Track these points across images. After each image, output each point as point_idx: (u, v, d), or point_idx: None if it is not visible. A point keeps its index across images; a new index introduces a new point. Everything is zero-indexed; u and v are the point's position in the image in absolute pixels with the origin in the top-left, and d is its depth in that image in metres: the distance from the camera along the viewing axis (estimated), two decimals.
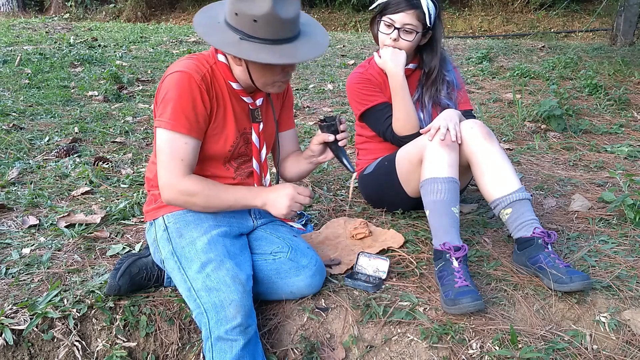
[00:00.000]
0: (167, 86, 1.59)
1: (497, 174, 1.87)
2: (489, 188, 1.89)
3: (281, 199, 1.63)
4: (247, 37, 1.50)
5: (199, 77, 1.59)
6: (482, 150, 1.89)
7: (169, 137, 1.59)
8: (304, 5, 11.56)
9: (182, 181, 1.60)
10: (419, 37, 2.09)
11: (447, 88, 2.19)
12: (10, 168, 2.76)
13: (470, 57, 5.91)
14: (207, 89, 1.61)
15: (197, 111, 1.60)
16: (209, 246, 1.62)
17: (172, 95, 1.57)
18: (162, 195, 1.65)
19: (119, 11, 11.96)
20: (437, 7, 2.09)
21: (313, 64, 5.76)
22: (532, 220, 1.84)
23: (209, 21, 1.58)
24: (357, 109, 2.22)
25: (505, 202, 1.85)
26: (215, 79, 1.65)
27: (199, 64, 1.63)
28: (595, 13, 9.07)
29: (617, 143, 3.26)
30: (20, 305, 1.67)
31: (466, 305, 1.61)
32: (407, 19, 2.04)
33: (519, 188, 1.86)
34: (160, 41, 7.09)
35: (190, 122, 1.59)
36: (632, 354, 1.58)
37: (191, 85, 1.58)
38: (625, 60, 5.29)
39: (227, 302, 1.50)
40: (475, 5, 11.13)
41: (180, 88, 1.57)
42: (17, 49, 6.06)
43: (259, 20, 1.47)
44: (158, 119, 1.60)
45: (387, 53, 2.09)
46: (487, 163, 1.88)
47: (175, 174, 1.60)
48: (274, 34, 1.50)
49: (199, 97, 1.59)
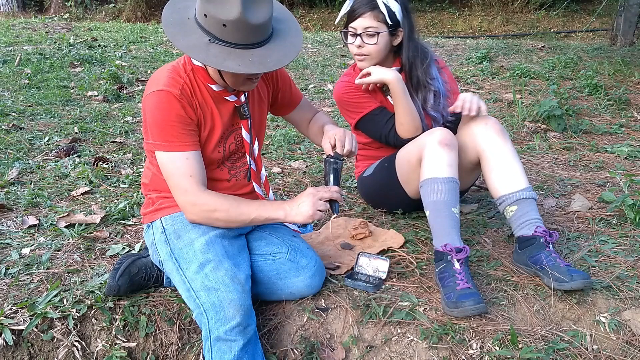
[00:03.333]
0: (149, 108, 1.56)
1: (506, 171, 1.88)
2: (496, 184, 1.89)
3: (303, 202, 1.59)
4: (216, 39, 1.45)
5: (178, 92, 1.55)
6: (495, 147, 1.89)
7: (169, 158, 1.57)
8: (304, 6, 11.57)
9: (200, 197, 1.58)
10: (385, 37, 2.04)
11: (434, 98, 2.14)
12: (10, 168, 2.76)
13: (470, 57, 5.90)
14: (189, 101, 1.57)
15: (185, 126, 1.57)
16: (207, 247, 1.62)
17: (156, 118, 1.55)
18: (186, 216, 1.63)
19: (119, 11, 11.95)
20: (400, 3, 2.04)
21: (313, 64, 5.76)
22: (536, 220, 1.84)
23: (178, 17, 1.51)
24: (351, 118, 2.17)
25: (512, 199, 1.86)
26: (195, 87, 1.61)
27: (175, 76, 1.58)
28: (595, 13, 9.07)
29: (617, 143, 3.26)
30: (20, 305, 1.66)
31: (468, 308, 1.61)
32: (367, 23, 2.01)
33: (527, 187, 1.87)
34: (160, 41, 7.09)
35: (182, 139, 1.56)
36: (632, 354, 1.58)
37: (172, 102, 1.54)
38: (625, 60, 5.29)
39: (226, 301, 1.50)
40: (475, 5, 11.13)
41: (161, 109, 1.54)
42: (17, 49, 6.06)
43: (228, 25, 1.42)
44: (152, 142, 1.58)
45: (374, 69, 2.04)
46: (498, 159, 1.89)
47: (190, 193, 1.58)
48: (244, 39, 1.44)
49: (183, 112, 1.55)
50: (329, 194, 1.59)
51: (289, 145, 3.26)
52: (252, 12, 1.42)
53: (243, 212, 1.60)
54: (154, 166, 1.70)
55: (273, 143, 3.28)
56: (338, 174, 1.67)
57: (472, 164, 1.99)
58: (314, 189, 1.60)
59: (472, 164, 1.99)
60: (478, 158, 1.95)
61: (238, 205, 1.61)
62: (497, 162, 1.89)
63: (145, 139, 1.63)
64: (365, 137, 2.23)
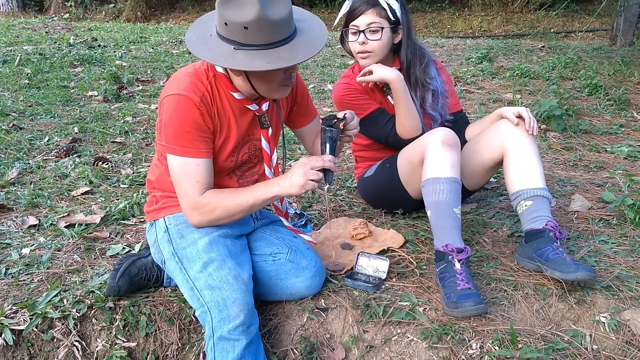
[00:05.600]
0: (167, 110, 1.55)
1: (528, 169, 1.90)
2: (515, 179, 1.91)
3: (295, 173, 1.54)
4: (241, 45, 1.44)
5: (198, 99, 1.54)
6: (521, 145, 1.92)
7: (180, 163, 1.57)
8: (304, 6, 11.58)
9: (198, 200, 1.58)
10: (387, 34, 2.05)
11: (432, 97, 2.15)
12: (10, 168, 2.76)
13: (470, 57, 5.91)
14: (207, 109, 1.57)
15: (201, 133, 1.56)
16: (211, 246, 1.62)
17: (173, 121, 1.54)
18: (191, 222, 1.63)
19: (119, 11, 11.96)
20: (399, 1, 2.05)
21: (313, 64, 5.76)
22: (547, 217, 1.85)
23: (200, 36, 1.52)
24: None
25: (528, 194, 1.87)
26: (215, 95, 1.60)
27: (197, 82, 1.56)
28: (595, 13, 9.07)
29: (617, 143, 3.26)
30: (20, 305, 1.67)
31: (469, 309, 1.61)
32: (369, 19, 2.02)
33: (545, 187, 1.89)
34: (160, 41, 7.09)
35: (197, 145, 1.56)
36: (632, 354, 1.58)
37: (191, 109, 1.53)
38: (625, 60, 5.29)
39: (230, 300, 1.50)
40: (475, 5, 11.14)
41: (180, 113, 1.53)
42: (17, 49, 6.06)
43: (250, 26, 1.41)
44: (166, 144, 1.57)
45: (376, 67, 2.04)
46: (522, 157, 1.91)
47: (193, 197, 1.58)
48: (268, 38, 1.44)
49: (201, 119, 1.55)
50: (320, 163, 1.53)
51: (289, 145, 3.26)
52: (270, 9, 1.42)
53: (240, 202, 1.59)
54: (163, 165, 1.69)
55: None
56: (334, 142, 1.58)
57: (493, 162, 2.01)
58: (307, 159, 1.55)
59: (493, 162, 2.01)
60: (501, 156, 1.97)
61: (234, 197, 1.60)
62: (521, 160, 1.92)
63: (159, 139, 1.63)
64: (365, 139, 2.23)
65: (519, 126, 1.94)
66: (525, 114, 1.94)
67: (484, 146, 2.01)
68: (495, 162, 2.01)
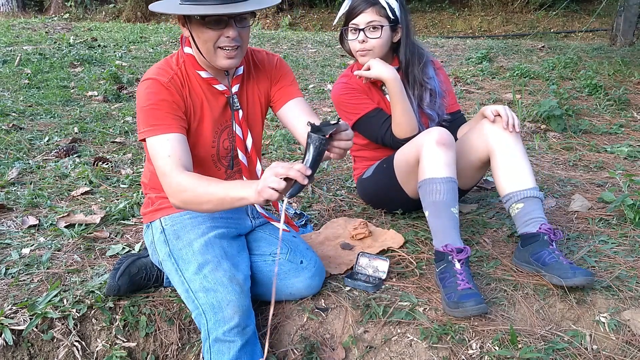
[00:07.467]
0: (138, 96, 1.59)
1: (515, 170, 1.89)
2: (504, 182, 1.91)
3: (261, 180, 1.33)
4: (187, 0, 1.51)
5: (166, 80, 1.57)
6: (506, 146, 1.91)
7: (151, 144, 1.54)
8: (304, 6, 11.56)
9: (175, 178, 1.48)
10: (387, 32, 2.05)
11: (430, 96, 2.15)
12: (10, 168, 2.76)
13: (470, 57, 5.90)
14: (178, 90, 1.58)
15: (170, 110, 1.55)
16: (206, 248, 1.62)
17: (142, 104, 1.56)
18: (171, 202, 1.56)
19: (119, 11, 11.96)
20: (399, 0, 2.06)
21: (312, 64, 5.76)
22: (541, 218, 1.85)
23: None
24: (348, 119, 2.15)
25: (518, 196, 1.86)
26: (185, 77, 1.62)
27: (166, 67, 1.61)
28: (595, 13, 9.07)
29: (617, 143, 3.26)
30: (20, 305, 1.67)
31: (469, 309, 1.61)
32: (369, 17, 2.03)
33: (534, 187, 1.88)
34: (160, 41, 7.09)
35: (167, 121, 1.54)
36: (632, 354, 1.58)
37: (159, 89, 1.55)
38: (625, 60, 5.29)
39: (224, 302, 1.50)
40: (475, 5, 11.13)
41: (149, 95, 1.55)
42: (17, 49, 6.06)
43: None
44: (140, 132, 1.57)
45: (374, 63, 2.04)
46: (508, 158, 1.90)
47: (167, 174, 1.49)
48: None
49: (170, 97, 1.56)
50: (285, 170, 1.28)
51: (288, 145, 3.26)
52: None
53: (211, 192, 1.43)
54: (152, 165, 1.69)
55: (273, 143, 3.28)
56: (316, 151, 1.31)
57: (481, 162, 2.00)
58: (276, 163, 1.33)
59: (481, 162, 2.00)
60: (488, 156, 1.96)
61: (207, 185, 1.45)
62: (507, 160, 1.90)
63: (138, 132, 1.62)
64: (362, 138, 2.23)
65: (496, 123, 1.93)
66: (503, 112, 1.93)
67: (470, 147, 2.00)
68: (483, 162, 2.00)
